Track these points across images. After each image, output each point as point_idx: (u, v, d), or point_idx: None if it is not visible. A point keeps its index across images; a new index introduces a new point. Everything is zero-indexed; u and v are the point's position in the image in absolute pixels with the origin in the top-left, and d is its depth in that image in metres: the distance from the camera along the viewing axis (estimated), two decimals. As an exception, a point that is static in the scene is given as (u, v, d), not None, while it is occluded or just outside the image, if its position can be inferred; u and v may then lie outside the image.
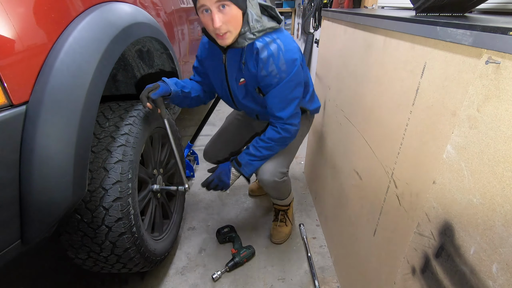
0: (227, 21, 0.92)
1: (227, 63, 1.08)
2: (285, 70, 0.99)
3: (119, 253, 0.95)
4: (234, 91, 1.13)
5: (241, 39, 0.98)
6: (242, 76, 1.07)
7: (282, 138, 1.11)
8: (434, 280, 0.62)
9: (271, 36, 1.00)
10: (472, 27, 0.52)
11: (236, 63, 1.06)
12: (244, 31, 0.97)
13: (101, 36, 0.80)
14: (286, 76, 1.00)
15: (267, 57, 0.98)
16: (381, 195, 0.87)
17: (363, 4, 1.71)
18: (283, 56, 0.98)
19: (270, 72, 0.99)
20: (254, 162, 1.16)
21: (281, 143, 1.14)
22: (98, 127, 0.94)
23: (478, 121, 0.52)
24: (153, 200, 1.20)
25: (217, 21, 0.90)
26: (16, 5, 0.62)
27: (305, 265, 1.35)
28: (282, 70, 0.99)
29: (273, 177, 1.18)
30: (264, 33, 0.99)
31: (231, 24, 0.93)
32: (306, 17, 2.54)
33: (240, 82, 1.08)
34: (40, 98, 0.65)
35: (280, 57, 0.98)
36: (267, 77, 1.00)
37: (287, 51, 0.99)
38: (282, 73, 0.99)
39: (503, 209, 0.47)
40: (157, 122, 1.17)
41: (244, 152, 1.19)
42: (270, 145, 1.13)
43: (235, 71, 1.07)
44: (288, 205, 1.50)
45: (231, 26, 0.94)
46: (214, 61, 1.13)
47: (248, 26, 0.96)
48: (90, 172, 0.88)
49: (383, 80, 0.89)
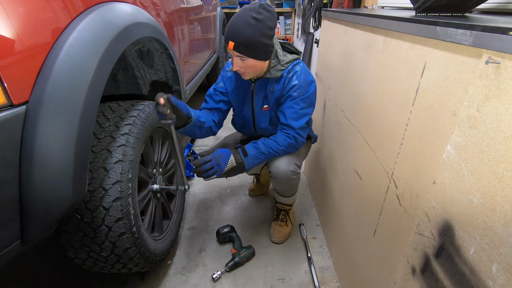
0: (244, 67, 1.09)
1: (255, 91, 1.22)
2: (305, 87, 1.15)
3: (119, 253, 0.95)
4: (258, 116, 1.28)
5: (273, 71, 1.15)
6: (267, 103, 1.23)
7: (291, 144, 1.19)
8: (434, 280, 0.62)
9: (295, 62, 1.18)
10: (472, 27, 0.52)
11: (263, 91, 1.21)
12: (275, 64, 1.15)
13: (101, 36, 0.80)
14: (305, 93, 1.15)
15: (292, 74, 1.15)
16: (381, 195, 0.87)
17: (363, 4, 1.71)
18: (305, 76, 1.15)
19: (294, 86, 1.14)
20: (260, 156, 1.19)
21: (287, 149, 1.20)
22: (98, 127, 0.94)
23: (478, 121, 0.51)
24: (153, 200, 1.20)
25: (234, 66, 1.09)
26: (16, 5, 0.62)
27: (305, 265, 1.35)
28: (302, 87, 1.14)
29: (289, 167, 1.21)
30: (290, 63, 1.17)
31: (248, 69, 1.10)
32: (306, 17, 2.54)
33: (264, 108, 1.24)
34: (40, 98, 0.65)
35: (302, 77, 1.15)
36: (290, 89, 1.15)
37: (307, 73, 1.17)
38: (302, 89, 1.14)
39: (503, 209, 0.47)
40: (157, 122, 1.17)
41: (252, 145, 1.19)
42: (278, 147, 1.19)
43: (261, 98, 1.22)
44: (291, 205, 1.50)
45: (248, 71, 1.10)
46: (242, 91, 1.26)
47: (278, 60, 1.15)
48: (90, 172, 0.87)
49: (383, 80, 0.89)
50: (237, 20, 1.02)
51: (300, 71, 1.15)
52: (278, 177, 1.23)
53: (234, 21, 1.03)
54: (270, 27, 1.04)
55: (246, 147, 1.19)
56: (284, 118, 1.18)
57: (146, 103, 1.12)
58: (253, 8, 1.01)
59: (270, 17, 1.03)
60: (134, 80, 1.38)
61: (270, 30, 1.04)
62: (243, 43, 1.02)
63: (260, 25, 1.01)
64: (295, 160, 1.25)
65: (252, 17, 1.00)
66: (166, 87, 1.50)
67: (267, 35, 1.04)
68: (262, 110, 1.24)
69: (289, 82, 1.15)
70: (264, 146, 1.19)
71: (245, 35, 1.01)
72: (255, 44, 1.03)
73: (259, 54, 1.06)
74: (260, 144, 1.19)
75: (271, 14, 1.04)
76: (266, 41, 1.05)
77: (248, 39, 1.01)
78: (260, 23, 1.01)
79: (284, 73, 1.16)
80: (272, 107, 1.22)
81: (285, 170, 1.21)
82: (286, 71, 1.16)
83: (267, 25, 1.03)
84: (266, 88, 1.20)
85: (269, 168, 1.25)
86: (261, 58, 1.08)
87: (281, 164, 1.21)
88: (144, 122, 1.04)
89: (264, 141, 1.20)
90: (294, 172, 1.23)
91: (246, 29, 1.00)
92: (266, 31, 1.03)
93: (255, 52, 1.05)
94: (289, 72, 1.15)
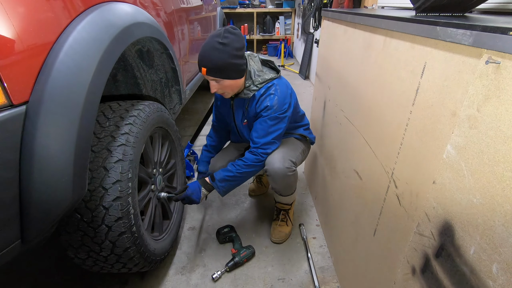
0: (221, 88, 1.17)
1: (234, 108, 1.32)
2: (276, 109, 1.20)
3: (119, 252, 0.94)
4: (240, 129, 1.38)
5: (246, 91, 1.22)
6: (245, 118, 1.31)
7: (256, 160, 1.24)
8: (434, 280, 0.62)
9: (270, 83, 1.22)
10: (472, 27, 0.52)
11: (241, 108, 1.29)
12: (248, 84, 1.21)
13: (101, 36, 0.80)
14: (274, 113, 1.20)
15: (266, 96, 1.21)
16: (381, 195, 0.87)
17: (363, 4, 1.71)
18: (278, 99, 1.20)
19: (265, 107, 1.21)
20: (228, 177, 1.25)
21: (255, 163, 1.25)
22: (98, 126, 0.94)
23: (478, 121, 0.52)
24: (153, 200, 1.20)
25: (212, 89, 1.17)
26: (16, 5, 0.62)
27: (305, 265, 1.35)
28: (273, 108, 1.20)
29: (284, 164, 1.23)
30: (266, 83, 1.22)
31: (226, 89, 1.18)
32: (306, 17, 2.55)
33: (244, 122, 1.33)
34: (40, 98, 0.65)
35: (275, 99, 1.20)
36: (261, 110, 1.22)
37: (281, 96, 1.21)
38: (273, 109, 1.20)
39: (503, 209, 0.47)
40: (158, 122, 1.17)
41: (221, 170, 1.28)
42: (244, 163, 1.24)
43: (240, 114, 1.31)
44: (290, 205, 1.51)
45: (227, 90, 1.18)
46: (225, 107, 1.38)
47: (251, 80, 1.20)
48: (90, 172, 0.87)
49: (383, 80, 0.89)
50: (206, 47, 1.10)
51: (274, 93, 1.20)
52: (274, 175, 1.25)
53: (203, 48, 1.11)
54: (238, 48, 1.11)
55: (214, 173, 1.27)
56: (252, 134, 1.26)
57: (147, 103, 1.12)
58: (219, 34, 1.09)
59: (236, 39, 1.10)
60: (134, 80, 1.38)
61: (238, 51, 1.11)
62: (214, 67, 1.10)
63: (227, 49, 1.08)
64: (290, 156, 1.27)
65: (218, 42, 1.07)
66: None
67: (235, 55, 1.10)
68: (242, 124, 1.33)
69: (261, 104, 1.21)
70: (232, 166, 1.25)
71: (214, 60, 1.09)
72: (226, 66, 1.10)
73: (231, 74, 1.13)
74: (229, 165, 1.27)
75: (237, 36, 1.11)
76: (236, 61, 1.11)
77: (217, 63, 1.09)
78: (226, 46, 1.08)
79: (257, 94, 1.21)
80: (250, 122, 1.30)
81: (280, 167, 1.23)
82: (260, 92, 1.21)
83: (234, 47, 1.10)
84: (243, 106, 1.28)
85: (265, 167, 1.27)
86: (235, 77, 1.15)
87: (276, 161, 1.24)
88: (144, 122, 1.04)
89: (232, 162, 1.27)
90: (289, 169, 1.24)
91: (214, 54, 1.08)
92: (234, 52, 1.10)
93: (227, 73, 1.12)
94: (263, 94, 1.21)
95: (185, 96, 1.76)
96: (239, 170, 1.23)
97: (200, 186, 1.27)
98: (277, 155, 1.25)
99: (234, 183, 1.27)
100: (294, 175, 1.30)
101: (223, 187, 1.25)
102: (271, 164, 1.24)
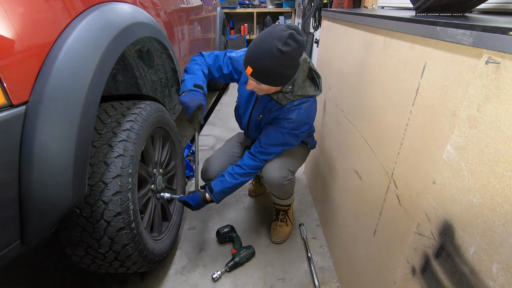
0: (258, 89, 1.07)
1: (259, 100, 1.23)
2: (297, 125, 1.14)
3: (117, 249, 0.94)
4: (252, 121, 1.30)
5: (281, 97, 1.12)
6: (262, 114, 1.24)
7: (255, 167, 1.21)
8: (434, 280, 0.62)
9: (307, 99, 1.14)
10: (472, 27, 0.52)
11: (265, 104, 1.21)
12: (287, 90, 1.10)
13: (101, 36, 0.80)
14: (293, 130, 1.15)
15: (295, 109, 1.14)
16: (381, 195, 0.87)
17: (363, 4, 1.71)
18: (304, 116, 1.14)
19: (289, 119, 1.14)
20: (227, 190, 1.22)
21: (253, 171, 1.22)
22: (100, 123, 0.94)
23: (478, 121, 0.51)
24: (152, 199, 1.20)
25: (249, 86, 1.07)
26: (16, 5, 0.62)
27: (305, 265, 1.35)
28: (295, 124, 1.14)
29: (281, 173, 1.22)
30: (302, 97, 1.13)
31: (262, 91, 1.08)
32: (306, 17, 2.54)
33: (259, 117, 1.26)
34: (39, 98, 0.65)
35: (302, 116, 1.14)
36: (284, 120, 1.15)
37: (308, 115, 1.16)
38: (293, 124, 1.14)
39: (503, 209, 0.47)
40: (158, 122, 1.17)
41: (218, 179, 1.24)
42: (244, 171, 1.20)
43: (261, 110, 1.23)
44: (289, 205, 1.50)
45: (263, 91, 1.09)
46: (249, 92, 1.25)
47: (293, 88, 1.10)
48: (91, 166, 0.87)
49: (383, 80, 0.89)
50: (260, 47, 0.94)
51: (304, 110, 1.13)
52: (270, 183, 1.24)
53: (258, 46, 0.95)
54: (295, 58, 0.98)
55: (212, 183, 1.24)
56: (262, 137, 1.20)
57: (148, 102, 1.13)
58: (282, 38, 0.91)
59: (297, 49, 0.95)
60: (134, 80, 1.38)
61: (294, 61, 0.99)
62: (262, 72, 0.98)
63: (284, 59, 0.94)
64: (288, 165, 1.25)
65: (277, 48, 0.91)
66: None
67: (290, 66, 0.99)
68: (257, 118, 1.27)
69: (287, 113, 1.14)
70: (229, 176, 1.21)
71: (266, 66, 0.95)
72: (275, 75, 0.98)
73: (276, 82, 1.03)
74: (226, 174, 1.23)
75: (299, 45, 0.96)
76: (287, 71, 1.00)
77: (268, 70, 0.96)
78: (285, 56, 0.93)
79: (288, 105, 1.14)
80: (264, 120, 1.25)
81: (277, 177, 1.21)
82: (292, 103, 1.13)
83: (293, 57, 0.96)
84: (269, 104, 1.19)
85: (261, 174, 1.26)
86: (278, 85, 1.05)
87: (273, 170, 1.22)
88: (145, 120, 1.05)
89: (230, 170, 1.23)
90: (286, 178, 1.23)
91: (269, 60, 0.93)
92: (290, 63, 0.97)
93: (273, 80, 1.01)
94: (294, 106, 1.13)
95: (185, 96, 1.75)
96: (237, 179, 1.21)
97: (199, 199, 1.25)
98: (275, 164, 1.22)
99: (231, 191, 1.25)
100: (291, 182, 1.28)
101: (221, 198, 1.25)
102: (267, 172, 1.22)
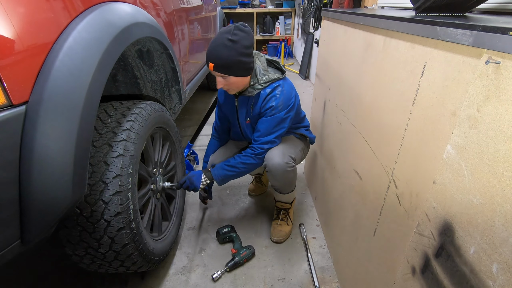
0: (227, 85, 1.17)
1: (239, 106, 1.32)
2: (280, 109, 1.23)
3: (117, 249, 0.94)
4: (243, 128, 1.39)
5: (250, 89, 1.22)
6: (248, 116, 1.32)
7: (255, 153, 1.28)
8: (434, 280, 0.62)
9: (276, 83, 1.24)
10: (472, 27, 0.52)
11: (245, 106, 1.30)
12: (253, 82, 1.22)
13: (101, 36, 0.80)
14: (278, 113, 1.23)
15: (271, 96, 1.23)
16: (381, 195, 0.87)
17: (363, 4, 1.71)
18: (282, 100, 1.23)
19: (270, 107, 1.23)
20: (227, 168, 1.30)
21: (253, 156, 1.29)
22: (100, 123, 0.94)
23: (478, 121, 0.51)
24: (152, 199, 1.20)
25: (218, 84, 1.18)
26: (16, 5, 0.62)
27: (305, 265, 1.35)
28: (278, 108, 1.23)
29: (283, 159, 1.25)
30: (271, 83, 1.24)
31: (231, 86, 1.18)
32: (306, 17, 2.55)
33: (247, 121, 1.34)
34: (39, 98, 0.65)
35: (281, 99, 1.22)
36: (267, 110, 1.24)
37: (285, 98, 1.23)
38: (276, 109, 1.23)
39: (503, 209, 0.47)
40: (158, 122, 1.18)
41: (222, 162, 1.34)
42: (245, 155, 1.29)
43: (244, 113, 1.32)
44: (290, 204, 1.51)
45: (232, 87, 1.19)
46: (229, 105, 1.38)
47: (256, 79, 1.22)
48: (91, 166, 0.87)
49: (383, 80, 0.89)
50: (215, 43, 1.11)
51: (279, 94, 1.22)
52: (273, 170, 1.26)
53: (212, 44, 1.12)
54: (247, 46, 1.12)
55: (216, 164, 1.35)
56: (255, 133, 1.30)
57: (148, 102, 1.13)
58: (229, 31, 1.09)
59: (245, 37, 1.11)
60: (134, 80, 1.38)
61: (247, 49, 1.12)
62: (221, 64, 1.11)
63: (236, 46, 1.09)
64: (289, 152, 1.30)
65: (227, 39, 1.08)
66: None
67: (244, 53, 1.11)
68: (246, 123, 1.34)
69: (267, 104, 1.23)
70: (232, 158, 1.30)
71: (222, 56, 1.09)
72: (233, 63, 1.11)
73: (238, 72, 1.14)
74: (230, 158, 1.32)
75: (246, 33, 1.11)
76: (244, 59, 1.12)
77: (226, 60, 1.10)
78: (236, 44, 1.08)
79: (263, 93, 1.23)
80: (253, 120, 1.32)
81: (280, 162, 1.25)
82: (266, 91, 1.23)
83: (243, 45, 1.10)
84: (247, 104, 1.29)
85: (264, 162, 1.29)
86: (242, 75, 1.16)
87: (275, 156, 1.26)
88: (145, 120, 1.05)
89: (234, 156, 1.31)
90: (288, 164, 1.26)
91: (223, 50, 1.09)
92: (242, 50, 1.10)
93: (235, 70, 1.13)
94: (269, 93, 1.23)
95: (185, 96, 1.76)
96: (237, 160, 1.28)
97: (201, 172, 1.33)
98: (277, 151, 1.27)
99: (232, 173, 1.30)
100: (294, 171, 1.32)
101: (220, 176, 1.30)
102: (270, 159, 1.26)
